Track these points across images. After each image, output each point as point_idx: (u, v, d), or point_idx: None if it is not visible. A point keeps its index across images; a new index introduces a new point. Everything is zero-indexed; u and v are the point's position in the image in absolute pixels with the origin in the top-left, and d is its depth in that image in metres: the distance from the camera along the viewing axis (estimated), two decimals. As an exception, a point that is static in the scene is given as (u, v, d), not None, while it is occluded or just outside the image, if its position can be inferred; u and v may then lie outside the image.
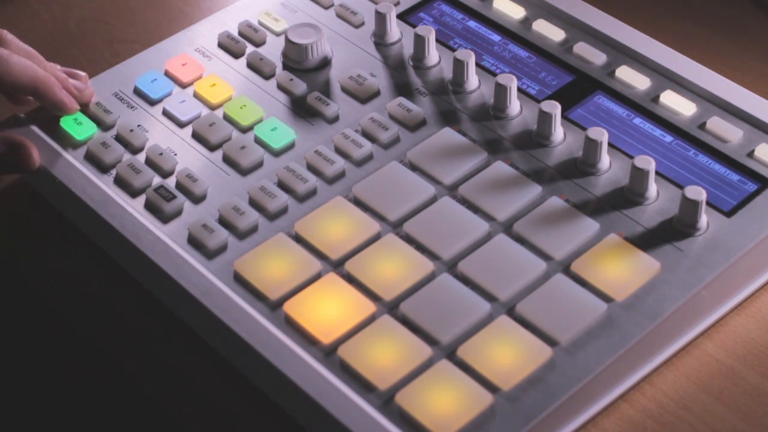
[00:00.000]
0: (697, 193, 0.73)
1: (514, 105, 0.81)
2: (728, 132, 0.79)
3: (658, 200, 0.75)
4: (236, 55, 0.88)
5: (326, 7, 0.90)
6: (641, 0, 0.96)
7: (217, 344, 0.74)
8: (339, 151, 0.80)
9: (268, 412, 0.72)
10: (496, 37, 0.87)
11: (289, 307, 0.72)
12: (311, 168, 0.79)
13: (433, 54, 0.85)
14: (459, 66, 0.82)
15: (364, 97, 0.83)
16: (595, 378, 0.68)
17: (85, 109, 0.84)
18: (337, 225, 0.75)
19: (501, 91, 0.80)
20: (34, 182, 0.84)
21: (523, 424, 0.66)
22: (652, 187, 0.75)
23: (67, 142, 0.82)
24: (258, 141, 0.81)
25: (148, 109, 0.84)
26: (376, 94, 0.84)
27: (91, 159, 0.81)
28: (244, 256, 0.74)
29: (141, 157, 0.81)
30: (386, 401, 0.68)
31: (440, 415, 0.66)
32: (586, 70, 0.84)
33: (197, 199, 0.78)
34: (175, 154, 0.81)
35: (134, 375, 0.77)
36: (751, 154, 0.78)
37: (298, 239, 0.75)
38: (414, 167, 0.79)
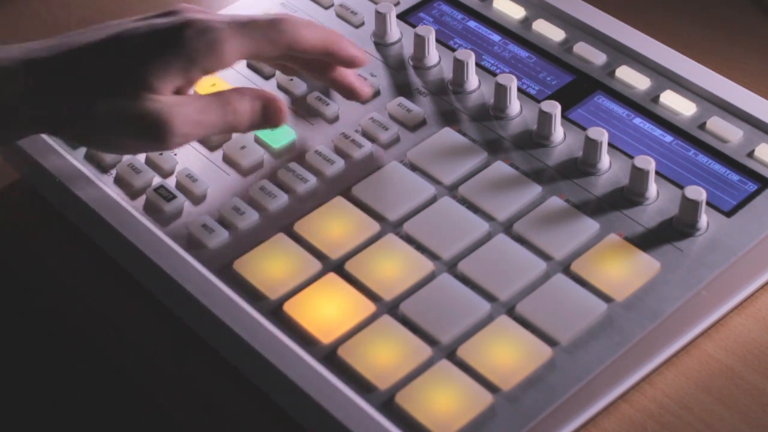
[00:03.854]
0: (697, 193, 0.73)
1: (514, 105, 0.81)
2: (728, 132, 0.79)
3: (658, 200, 0.75)
4: (236, 55, 0.87)
5: (326, 7, 0.90)
6: (641, 0, 0.96)
7: (218, 344, 0.74)
8: (339, 151, 0.80)
9: (268, 412, 0.72)
10: (496, 37, 0.87)
11: (289, 307, 0.72)
12: (311, 168, 0.79)
13: (433, 54, 0.85)
14: (459, 66, 0.82)
15: (364, 97, 0.83)
16: (595, 378, 0.68)
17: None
18: (337, 225, 0.75)
19: (501, 91, 0.80)
20: (34, 182, 0.84)
21: (523, 424, 0.66)
22: (652, 187, 0.75)
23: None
24: (258, 141, 0.81)
25: (148, 109, 0.84)
26: (376, 94, 0.83)
27: (92, 159, 0.81)
28: (244, 256, 0.74)
29: (141, 157, 0.81)
30: (386, 401, 0.67)
31: (440, 415, 0.66)
32: (586, 70, 0.83)
33: (197, 199, 0.78)
34: (175, 154, 0.81)
35: (134, 375, 0.77)
36: (751, 154, 0.78)
37: (298, 239, 0.75)
38: (414, 167, 0.79)
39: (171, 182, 0.79)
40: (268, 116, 0.76)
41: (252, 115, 0.75)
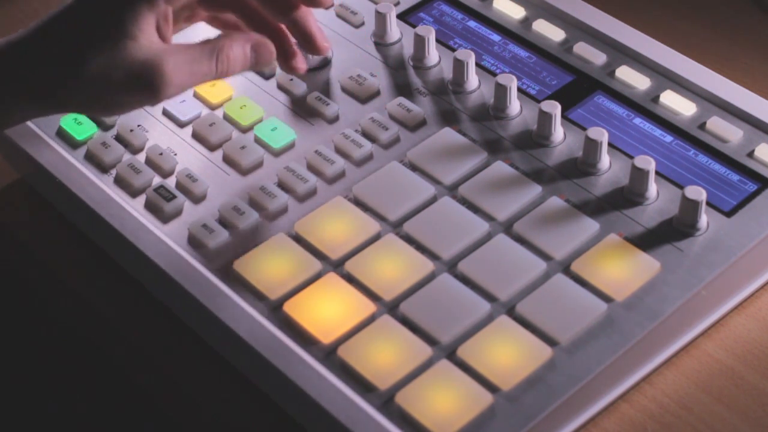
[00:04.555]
0: (697, 193, 0.73)
1: (514, 105, 0.81)
2: (728, 132, 0.79)
3: (658, 200, 0.75)
4: (236, 55, 0.87)
5: (326, 7, 0.90)
6: (641, 0, 0.96)
7: (218, 344, 0.74)
8: (339, 151, 0.80)
9: (268, 412, 0.72)
10: (496, 37, 0.87)
11: (289, 307, 0.72)
12: (311, 168, 0.79)
13: (433, 54, 0.85)
14: (459, 66, 0.82)
15: (364, 97, 0.83)
16: (595, 378, 0.68)
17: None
18: (337, 225, 0.75)
19: (501, 91, 0.80)
20: (34, 182, 0.84)
21: (523, 424, 0.66)
22: (652, 187, 0.75)
23: (67, 142, 0.82)
24: (258, 141, 0.81)
25: (148, 109, 0.84)
26: (376, 94, 0.84)
27: (91, 159, 0.81)
28: (244, 256, 0.74)
29: (141, 157, 0.81)
30: (386, 401, 0.68)
31: (440, 415, 0.66)
32: (586, 70, 0.83)
33: (197, 199, 0.78)
34: (175, 154, 0.81)
35: (134, 375, 0.78)
36: (751, 154, 0.78)
37: (298, 239, 0.75)
38: (414, 167, 0.79)
39: (171, 182, 0.79)
40: (259, 58, 0.76)
41: (244, 60, 0.75)
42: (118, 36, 0.71)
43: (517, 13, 0.88)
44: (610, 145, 0.78)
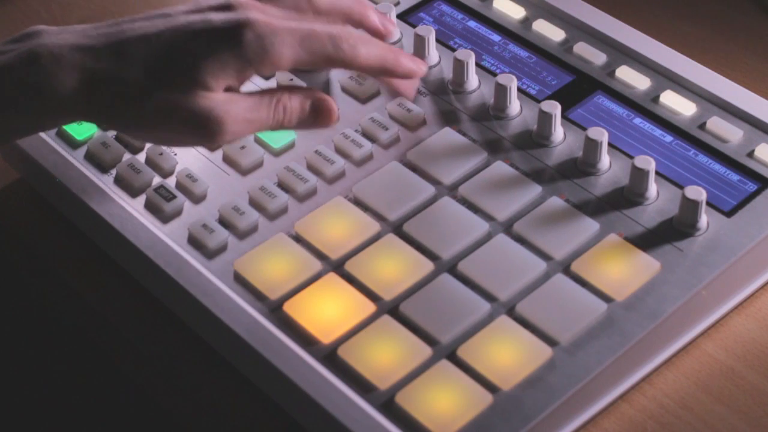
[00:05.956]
0: (697, 193, 0.73)
1: (514, 105, 0.81)
2: (728, 132, 0.79)
3: (658, 200, 0.75)
4: (236, 55, 0.87)
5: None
6: (641, 0, 0.96)
7: (218, 344, 0.74)
8: (339, 151, 0.80)
9: (268, 412, 0.72)
10: (496, 37, 0.87)
11: (289, 307, 0.72)
12: (311, 168, 0.79)
13: (433, 54, 0.85)
14: (459, 66, 0.82)
15: (364, 97, 0.83)
16: (595, 378, 0.68)
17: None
18: (337, 225, 0.75)
19: (501, 91, 0.80)
20: (34, 182, 0.84)
21: (523, 424, 0.66)
22: (652, 187, 0.75)
23: (67, 142, 0.82)
24: (258, 141, 0.81)
25: (148, 109, 0.84)
26: (376, 94, 0.83)
27: (91, 159, 0.81)
28: (244, 256, 0.74)
29: (141, 157, 0.81)
30: (386, 401, 0.68)
31: (440, 415, 0.66)
32: (586, 70, 0.83)
33: (197, 199, 0.78)
34: (175, 154, 0.81)
35: (134, 375, 0.78)
36: (751, 154, 0.78)
37: (298, 239, 0.75)
38: (414, 167, 0.79)
39: (171, 182, 0.79)
40: (317, 115, 0.76)
41: (301, 114, 0.75)
42: (194, 82, 0.70)
43: (517, 13, 0.88)
44: (610, 145, 0.78)
